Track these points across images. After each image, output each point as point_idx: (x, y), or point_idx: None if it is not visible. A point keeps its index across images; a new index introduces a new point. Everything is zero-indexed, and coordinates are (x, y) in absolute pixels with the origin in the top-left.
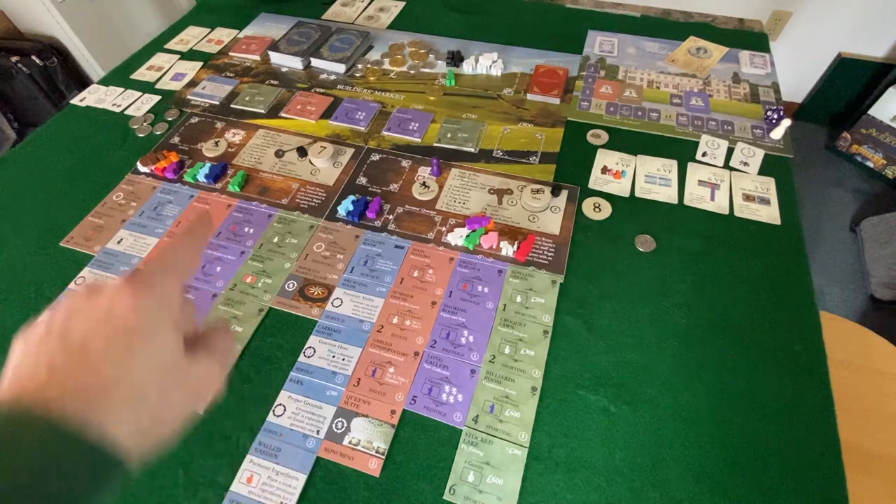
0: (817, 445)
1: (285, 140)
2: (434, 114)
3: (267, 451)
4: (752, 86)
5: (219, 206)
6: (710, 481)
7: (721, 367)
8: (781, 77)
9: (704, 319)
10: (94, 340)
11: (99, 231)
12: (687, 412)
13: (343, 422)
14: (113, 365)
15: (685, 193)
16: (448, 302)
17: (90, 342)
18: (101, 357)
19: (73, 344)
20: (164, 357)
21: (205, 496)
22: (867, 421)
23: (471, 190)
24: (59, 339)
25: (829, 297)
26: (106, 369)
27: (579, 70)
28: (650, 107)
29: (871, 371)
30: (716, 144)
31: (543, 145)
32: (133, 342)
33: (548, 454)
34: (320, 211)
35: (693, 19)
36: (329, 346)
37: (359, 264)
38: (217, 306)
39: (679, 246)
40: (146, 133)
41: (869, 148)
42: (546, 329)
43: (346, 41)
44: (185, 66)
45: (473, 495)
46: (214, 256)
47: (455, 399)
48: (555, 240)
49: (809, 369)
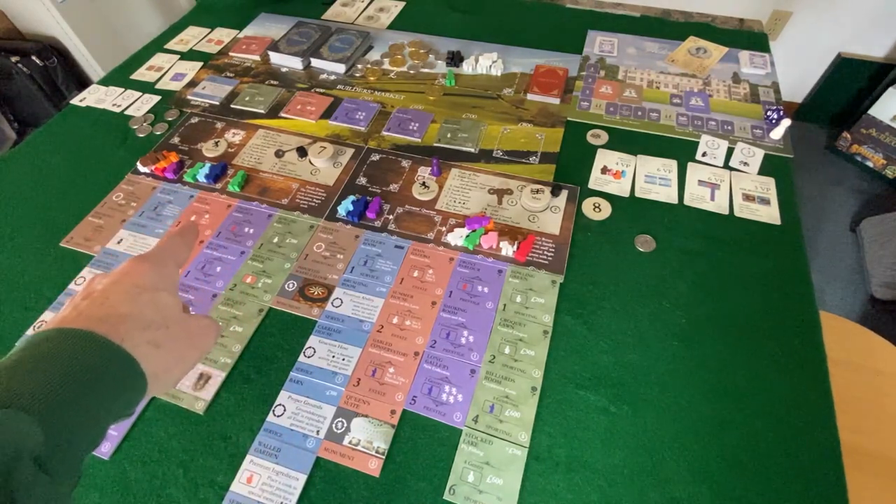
0: (817, 445)
1: (285, 140)
2: (434, 114)
3: (267, 451)
4: (752, 86)
5: (219, 207)
6: (710, 481)
7: (721, 367)
8: (781, 77)
9: (704, 319)
10: (113, 291)
11: (99, 231)
12: (687, 412)
13: (343, 422)
14: (128, 305)
15: (685, 193)
16: (448, 302)
17: (109, 292)
18: (118, 300)
19: (96, 295)
20: (167, 306)
21: (205, 496)
22: (867, 421)
23: (471, 190)
24: (84, 294)
25: (829, 297)
26: (122, 307)
27: (579, 70)
28: (650, 107)
29: (871, 371)
30: (716, 144)
31: (543, 145)
32: (142, 293)
33: (548, 454)
34: (320, 211)
35: (693, 19)
36: (329, 346)
37: (359, 264)
38: (217, 306)
39: (679, 246)
40: (146, 133)
41: (869, 148)
42: (546, 329)
43: (346, 41)
44: (185, 66)
45: (473, 495)
46: (214, 256)
47: (455, 399)
48: (555, 240)
49: (809, 369)
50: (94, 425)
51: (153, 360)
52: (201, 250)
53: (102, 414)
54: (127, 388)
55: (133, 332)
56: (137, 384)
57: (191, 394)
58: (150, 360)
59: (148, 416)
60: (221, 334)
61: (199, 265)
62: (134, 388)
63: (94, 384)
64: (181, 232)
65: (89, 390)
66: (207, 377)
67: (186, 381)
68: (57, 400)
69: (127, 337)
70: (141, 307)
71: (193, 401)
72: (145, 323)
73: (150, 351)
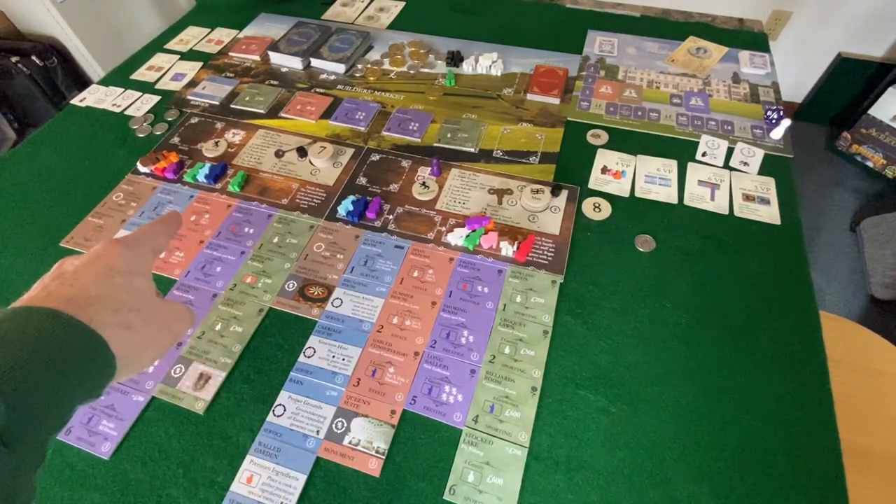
0: (817, 445)
1: (285, 140)
2: (434, 114)
3: (267, 451)
4: (752, 86)
5: (219, 207)
6: (710, 481)
7: (721, 367)
8: (781, 77)
9: (704, 319)
10: (85, 272)
11: (99, 231)
12: (687, 412)
13: (343, 422)
14: (99, 286)
15: (685, 193)
16: (448, 302)
17: (81, 273)
18: (89, 281)
19: (66, 276)
20: (140, 289)
21: (205, 496)
22: (867, 421)
23: (471, 190)
24: (55, 275)
25: (829, 297)
26: (93, 288)
27: (579, 70)
28: (650, 107)
29: (871, 371)
30: (716, 144)
31: (543, 145)
32: (115, 275)
33: (548, 454)
34: (320, 211)
35: (693, 19)
36: (329, 346)
37: (359, 264)
38: (217, 306)
39: (679, 246)
40: (146, 133)
41: (869, 148)
42: (546, 329)
43: (346, 41)
44: (184, 66)
45: (473, 495)
46: (214, 256)
47: (455, 399)
48: (555, 240)
49: (809, 369)
50: (60, 405)
51: (123, 342)
52: (201, 250)
53: (69, 394)
54: (95, 369)
55: (103, 314)
56: (106, 365)
57: (191, 394)
58: (120, 342)
59: (148, 416)
60: (221, 333)
61: (199, 265)
62: (103, 369)
63: (61, 364)
64: (163, 219)
65: (56, 370)
66: (207, 377)
67: (187, 381)
68: (22, 378)
69: (96, 317)
70: (113, 289)
71: (193, 401)
72: (117, 305)
73: (120, 332)
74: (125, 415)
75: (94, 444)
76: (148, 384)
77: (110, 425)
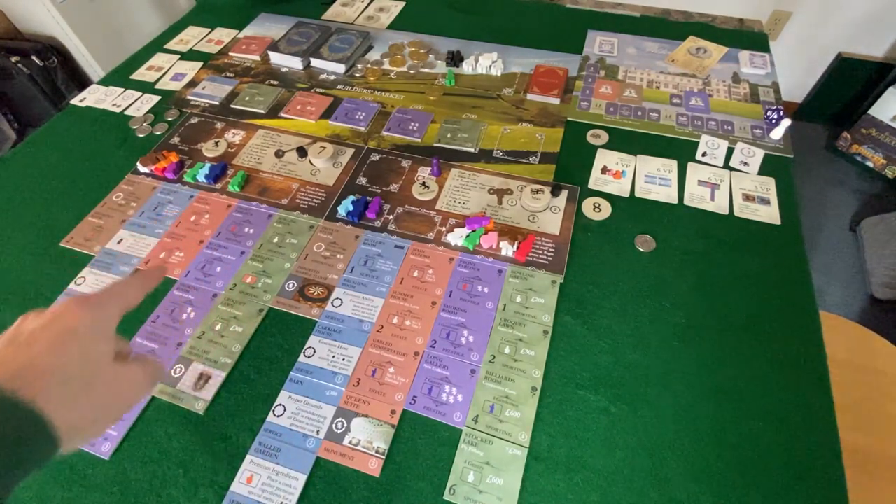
0: (817, 445)
1: (285, 140)
2: (434, 114)
3: (267, 451)
4: (752, 86)
5: (219, 207)
6: (710, 481)
7: (721, 367)
8: (781, 77)
9: (704, 319)
10: (41, 336)
11: (99, 231)
12: (687, 412)
13: (343, 422)
14: (51, 356)
15: (685, 193)
16: (448, 302)
17: (36, 337)
18: (42, 349)
19: (22, 339)
20: (96, 357)
21: (205, 496)
22: (867, 421)
23: (471, 190)
24: (11, 335)
25: (829, 297)
26: (44, 358)
27: (579, 70)
28: (650, 107)
29: (871, 371)
30: (716, 144)
31: (543, 145)
32: (70, 341)
33: (548, 454)
34: (320, 211)
35: (693, 19)
36: (329, 346)
37: (359, 264)
38: (217, 306)
39: (679, 246)
40: (146, 133)
41: (869, 148)
42: (546, 329)
43: (346, 41)
44: (184, 66)
45: (473, 495)
46: (214, 256)
47: (455, 399)
48: (555, 240)
49: (809, 369)
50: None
51: (69, 418)
52: (201, 250)
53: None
54: (36, 451)
55: (50, 389)
56: (48, 444)
57: (191, 394)
58: (66, 418)
59: (148, 416)
60: (221, 333)
61: (199, 265)
62: (45, 449)
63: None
64: (144, 274)
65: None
66: (207, 377)
67: (187, 382)
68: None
69: (41, 394)
70: (65, 359)
71: (193, 401)
72: (66, 377)
73: (66, 407)
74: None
75: (94, 445)
76: None
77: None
